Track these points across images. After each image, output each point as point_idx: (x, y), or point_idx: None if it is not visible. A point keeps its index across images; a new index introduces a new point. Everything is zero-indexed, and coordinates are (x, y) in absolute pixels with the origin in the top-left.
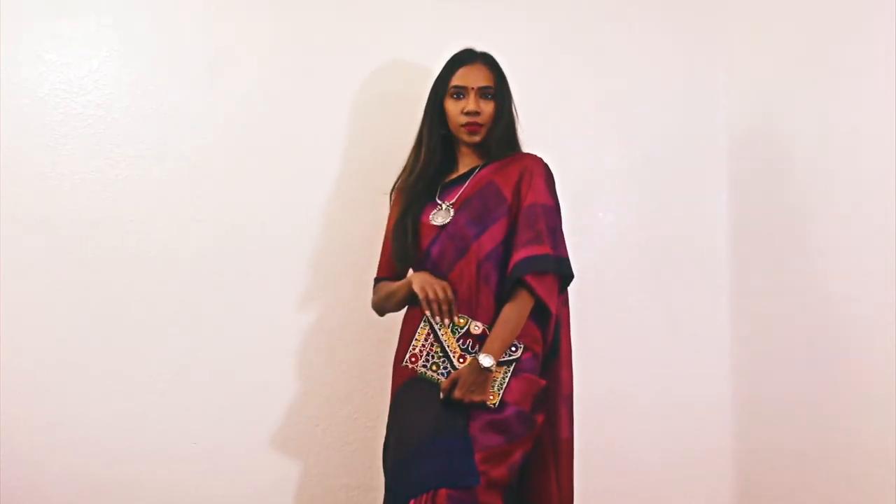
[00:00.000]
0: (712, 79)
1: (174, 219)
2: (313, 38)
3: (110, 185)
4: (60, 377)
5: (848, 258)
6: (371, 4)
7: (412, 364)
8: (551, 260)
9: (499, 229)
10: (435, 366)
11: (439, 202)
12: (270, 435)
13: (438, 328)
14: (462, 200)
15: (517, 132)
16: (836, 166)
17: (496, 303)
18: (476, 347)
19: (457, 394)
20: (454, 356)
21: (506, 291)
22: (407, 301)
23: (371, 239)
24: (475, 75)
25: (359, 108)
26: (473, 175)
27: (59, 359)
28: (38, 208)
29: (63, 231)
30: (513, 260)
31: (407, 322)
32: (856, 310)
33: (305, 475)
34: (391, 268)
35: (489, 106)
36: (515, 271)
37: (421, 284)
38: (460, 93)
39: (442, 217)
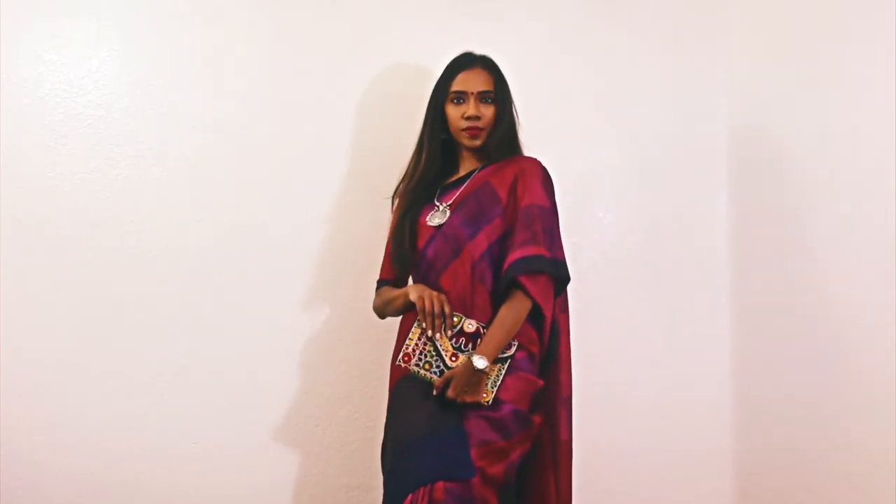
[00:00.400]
0: (712, 78)
1: (174, 219)
2: (314, 39)
3: (110, 185)
4: (60, 377)
5: (848, 258)
6: (372, 6)
7: (405, 363)
8: (546, 261)
9: (493, 230)
10: (427, 364)
11: (437, 203)
12: (270, 435)
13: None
14: (458, 201)
15: (518, 135)
16: (836, 166)
17: (492, 302)
18: (469, 346)
19: (450, 393)
20: (446, 355)
21: (501, 292)
22: (405, 310)
23: (371, 240)
24: (475, 80)
25: (359, 110)
26: (472, 177)
27: (59, 359)
28: (38, 208)
29: (63, 231)
30: (507, 260)
31: (405, 323)
32: (856, 310)
33: (305, 475)
34: (393, 270)
35: (489, 110)
36: (510, 272)
37: (419, 294)
38: (460, 98)
39: (438, 218)
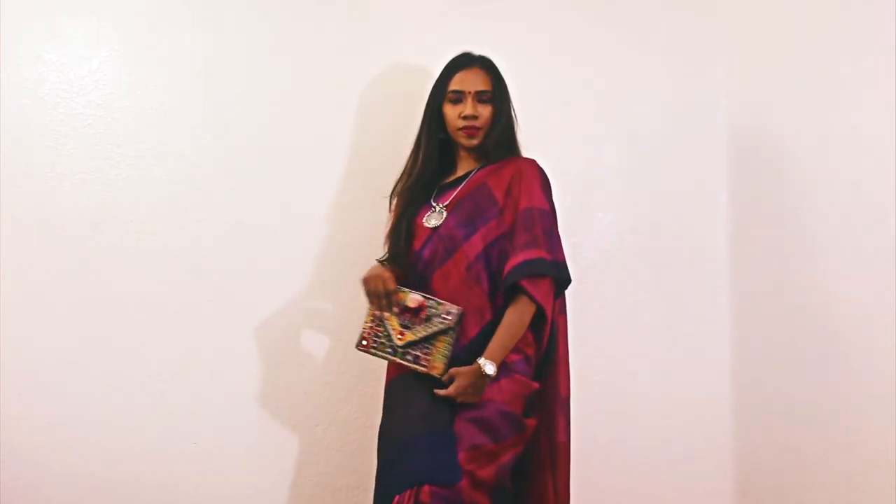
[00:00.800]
0: (712, 79)
1: (174, 219)
2: (314, 40)
3: (110, 185)
4: (59, 377)
5: (847, 258)
6: (371, 6)
7: (364, 348)
8: (547, 264)
9: (489, 231)
10: (381, 345)
11: (434, 204)
12: (269, 435)
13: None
14: (455, 202)
15: (516, 135)
16: (836, 166)
17: (491, 303)
18: (412, 321)
19: (451, 390)
20: (394, 333)
21: (502, 294)
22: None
23: (371, 239)
24: (472, 79)
25: (359, 109)
26: (469, 177)
27: (59, 359)
28: (38, 208)
29: (62, 231)
30: (509, 264)
31: None
32: (855, 309)
33: (305, 475)
34: (392, 268)
35: (487, 110)
36: (511, 275)
37: (366, 277)
38: (458, 97)
39: (435, 219)
